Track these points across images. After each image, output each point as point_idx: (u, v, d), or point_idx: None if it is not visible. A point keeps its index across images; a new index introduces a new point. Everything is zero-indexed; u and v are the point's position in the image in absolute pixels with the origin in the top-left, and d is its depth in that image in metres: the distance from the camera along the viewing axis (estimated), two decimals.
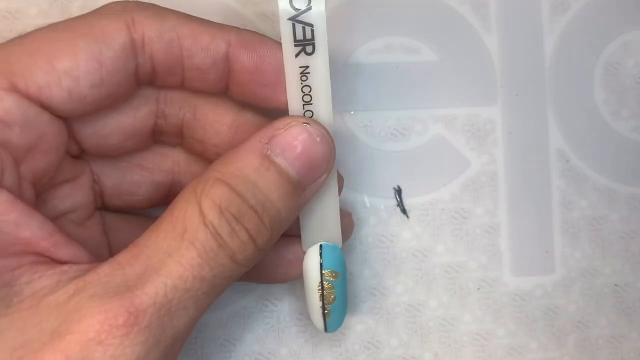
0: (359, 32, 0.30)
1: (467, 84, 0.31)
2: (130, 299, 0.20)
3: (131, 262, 0.21)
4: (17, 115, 0.21)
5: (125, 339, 0.19)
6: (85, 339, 0.19)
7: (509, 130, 0.31)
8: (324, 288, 0.25)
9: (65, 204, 0.24)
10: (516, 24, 0.31)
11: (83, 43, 0.22)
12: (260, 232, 0.22)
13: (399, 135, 0.30)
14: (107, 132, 0.24)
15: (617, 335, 0.31)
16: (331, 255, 0.26)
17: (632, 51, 0.31)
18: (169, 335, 0.20)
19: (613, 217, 0.31)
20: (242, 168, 0.22)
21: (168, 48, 0.23)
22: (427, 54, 0.30)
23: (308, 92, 0.23)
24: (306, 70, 0.23)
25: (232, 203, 0.21)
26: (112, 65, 0.22)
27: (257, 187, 0.22)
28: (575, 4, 0.31)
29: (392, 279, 0.30)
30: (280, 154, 0.22)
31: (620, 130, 0.31)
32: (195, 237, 0.21)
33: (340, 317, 0.27)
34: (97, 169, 0.25)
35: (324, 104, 0.24)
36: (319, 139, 0.23)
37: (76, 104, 0.22)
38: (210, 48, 0.23)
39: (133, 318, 0.20)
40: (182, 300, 0.20)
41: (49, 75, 0.21)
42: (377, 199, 0.30)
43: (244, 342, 0.30)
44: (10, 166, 0.21)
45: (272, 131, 0.22)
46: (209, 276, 0.21)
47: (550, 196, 0.31)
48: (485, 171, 0.31)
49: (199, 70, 0.23)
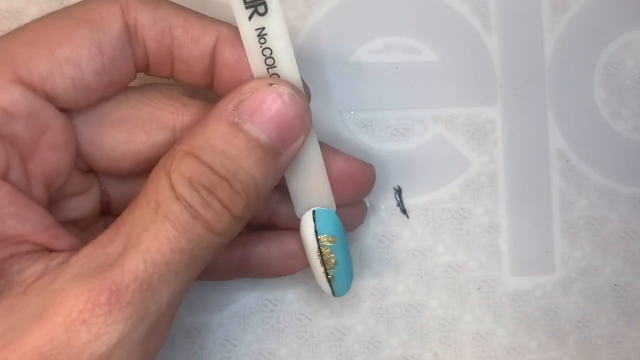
0: (359, 32, 0.30)
1: (467, 84, 0.31)
2: (111, 276, 0.20)
3: (112, 239, 0.21)
4: (22, 108, 0.21)
5: (109, 316, 0.19)
6: (69, 319, 0.19)
7: (509, 130, 0.31)
8: (323, 253, 0.25)
9: (74, 213, 0.24)
10: (516, 23, 0.31)
11: (82, 30, 0.22)
12: (234, 201, 0.21)
13: (399, 135, 0.30)
14: (119, 155, 0.24)
15: (617, 335, 0.31)
16: (325, 219, 0.25)
17: (632, 51, 0.31)
18: (152, 310, 0.20)
19: (613, 217, 0.31)
20: (210, 138, 0.21)
21: (160, 37, 0.23)
22: (427, 54, 0.30)
23: (269, 54, 0.23)
24: (263, 32, 0.22)
25: (202, 175, 0.21)
26: (112, 51, 0.22)
27: (226, 156, 0.21)
28: (575, 4, 0.31)
29: (392, 279, 0.30)
30: (249, 119, 0.21)
31: (620, 130, 0.31)
32: (168, 211, 0.20)
33: (346, 280, 0.26)
34: (105, 181, 0.25)
35: (288, 64, 0.23)
36: (287, 99, 0.22)
37: (80, 92, 0.22)
38: (200, 40, 0.23)
39: (115, 295, 0.20)
40: (162, 275, 0.20)
41: (51, 64, 0.21)
42: (377, 199, 0.30)
43: (244, 342, 0.30)
44: (17, 162, 0.21)
45: (238, 96, 0.22)
46: (187, 248, 0.21)
47: (550, 196, 0.31)
48: (485, 171, 0.31)
49: (187, 62, 0.23)
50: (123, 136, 0.23)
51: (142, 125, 0.23)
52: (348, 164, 0.26)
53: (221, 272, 0.27)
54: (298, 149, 0.23)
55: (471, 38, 0.31)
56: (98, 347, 0.19)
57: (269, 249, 0.27)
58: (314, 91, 0.30)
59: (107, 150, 0.23)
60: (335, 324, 0.30)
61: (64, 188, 0.23)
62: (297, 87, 0.23)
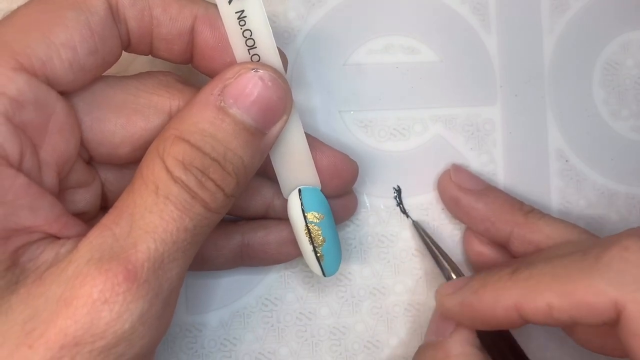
0: (359, 32, 0.30)
1: (467, 84, 0.31)
2: (125, 257, 0.21)
3: (116, 221, 0.21)
4: (29, 95, 0.21)
5: (128, 294, 0.20)
6: (90, 301, 0.20)
7: (509, 130, 0.31)
8: (311, 230, 0.26)
9: (79, 206, 0.24)
10: (516, 24, 0.31)
11: (70, 13, 0.22)
12: (226, 181, 0.22)
13: (399, 135, 0.30)
14: (118, 141, 0.24)
15: None
16: (311, 197, 0.26)
17: (632, 51, 0.31)
18: (165, 287, 0.21)
19: (612, 217, 0.31)
20: (198, 122, 0.22)
21: (140, 15, 0.23)
22: (427, 54, 0.30)
23: (249, 36, 0.23)
24: (242, 14, 0.23)
25: (195, 157, 0.22)
26: (102, 31, 0.22)
27: (215, 139, 0.22)
28: (575, 4, 0.31)
29: (392, 278, 0.30)
30: (234, 103, 0.22)
31: (620, 130, 0.31)
32: (168, 192, 0.21)
33: (335, 259, 0.27)
34: (104, 174, 0.26)
35: (267, 45, 0.24)
36: (270, 82, 0.23)
37: (77, 74, 0.22)
38: (178, 19, 0.24)
39: (132, 274, 0.20)
40: (171, 253, 0.21)
41: (48, 48, 0.21)
42: (377, 199, 0.30)
43: (244, 341, 0.30)
44: (30, 150, 0.21)
45: (222, 82, 0.23)
46: (190, 226, 0.22)
47: (549, 196, 0.31)
48: (484, 171, 0.31)
49: (166, 40, 0.24)
50: (122, 121, 0.24)
51: (140, 110, 0.24)
52: (334, 156, 0.27)
53: (222, 261, 0.28)
54: (281, 128, 0.24)
55: (471, 38, 0.31)
56: (121, 325, 0.20)
57: (268, 236, 0.28)
58: (314, 91, 0.30)
59: (107, 136, 0.24)
60: (335, 323, 0.30)
61: (70, 179, 0.24)
62: (278, 70, 0.24)
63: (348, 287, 0.30)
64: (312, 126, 0.30)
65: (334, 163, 0.27)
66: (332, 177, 0.27)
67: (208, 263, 0.28)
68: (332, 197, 0.27)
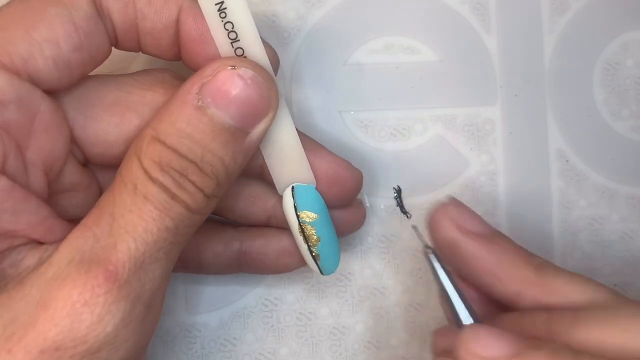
0: (359, 32, 0.30)
1: (467, 84, 0.31)
2: (106, 257, 0.20)
3: (97, 222, 0.21)
4: (10, 93, 0.21)
5: (109, 296, 0.20)
6: (70, 303, 0.19)
7: (509, 130, 0.31)
8: (304, 229, 0.25)
9: (76, 211, 0.24)
10: (516, 24, 0.31)
11: (53, 9, 0.22)
12: (205, 182, 0.22)
13: (399, 135, 0.30)
14: (112, 139, 0.24)
15: None
16: (304, 195, 0.25)
17: (632, 51, 0.31)
18: (147, 288, 0.21)
19: (613, 217, 0.31)
20: (175, 122, 0.21)
21: (124, 9, 0.23)
22: (427, 54, 0.30)
23: (231, 28, 0.23)
24: (222, 6, 0.22)
25: (171, 159, 0.21)
26: (86, 26, 0.22)
27: (192, 140, 0.21)
28: (575, 4, 0.31)
29: (392, 278, 0.30)
30: (212, 103, 0.22)
31: (620, 130, 0.31)
32: (146, 191, 0.21)
33: (332, 258, 0.26)
34: (101, 177, 0.25)
35: (250, 37, 0.23)
36: (250, 80, 0.22)
37: (62, 71, 0.22)
38: (163, 12, 0.23)
39: (113, 275, 0.20)
40: (153, 253, 0.21)
41: (30, 45, 0.21)
42: (377, 199, 0.30)
43: (244, 342, 0.30)
44: (14, 151, 0.21)
45: (201, 79, 0.22)
46: (172, 226, 0.21)
47: (549, 196, 0.31)
48: (484, 171, 0.31)
49: (152, 34, 0.23)
50: (115, 120, 0.23)
51: (134, 108, 0.24)
52: (334, 162, 0.26)
53: (220, 267, 0.27)
54: (267, 126, 0.23)
55: (471, 38, 0.31)
56: (103, 328, 0.20)
57: (266, 245, 0.27)
58: (314, 91, 0.30)
59: (100, 135, 0.23)
60: (335, 323, 0.30)
61: (64, 181, 0.23)
62: (260, 65, 0.23)
63: (348, 287, 0.30)
64: (312, 126, 0.30)
65: (334, 169, 0.26)
66: (331, 185, 0.26)
67: (205, 268, 0.27)
68: (334, 207, 0.26)
